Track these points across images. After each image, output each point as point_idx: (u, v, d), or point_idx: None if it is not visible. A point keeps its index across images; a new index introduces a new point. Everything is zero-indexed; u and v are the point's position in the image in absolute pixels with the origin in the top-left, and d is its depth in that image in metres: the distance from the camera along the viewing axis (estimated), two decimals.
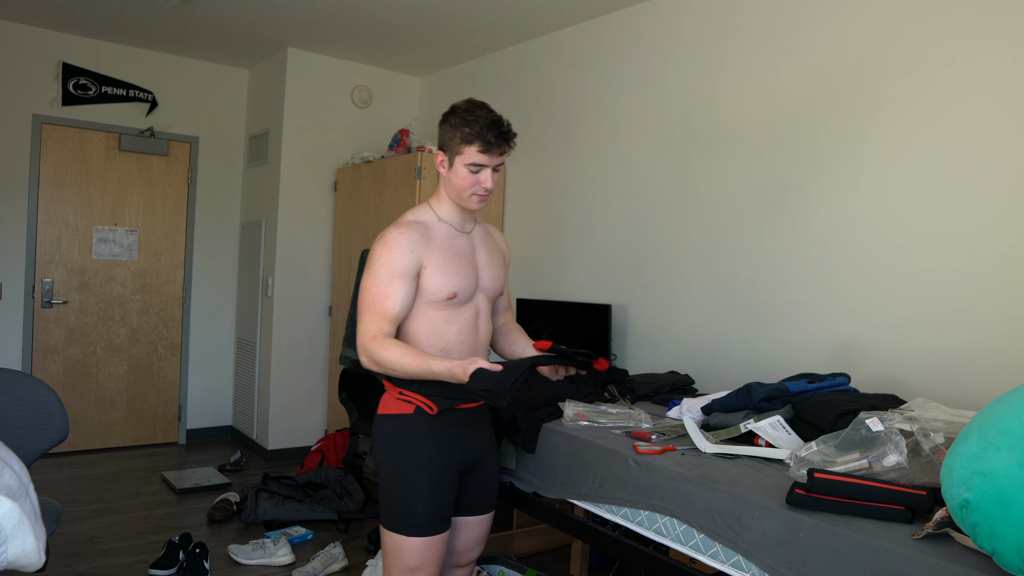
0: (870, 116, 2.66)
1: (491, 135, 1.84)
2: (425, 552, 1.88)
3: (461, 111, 1.88)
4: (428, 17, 4.03)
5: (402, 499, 1.89)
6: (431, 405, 1.91)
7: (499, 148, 1.87)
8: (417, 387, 1.91)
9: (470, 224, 2.03)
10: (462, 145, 1.86)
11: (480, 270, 2.00)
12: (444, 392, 1.89)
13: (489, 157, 1.86)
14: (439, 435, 1.91)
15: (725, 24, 3.18)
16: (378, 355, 1.78)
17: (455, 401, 1.92)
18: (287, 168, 4.80)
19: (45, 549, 1.64)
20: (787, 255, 2.91)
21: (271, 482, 3.86)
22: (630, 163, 3.59)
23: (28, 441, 2.27)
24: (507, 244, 2.21)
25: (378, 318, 1.82)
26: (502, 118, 1.89)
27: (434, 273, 1.88)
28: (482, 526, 2.09)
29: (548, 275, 4.05)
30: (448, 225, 1.97)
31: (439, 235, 1.93)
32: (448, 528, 1.93)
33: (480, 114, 1.86)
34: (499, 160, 1.89)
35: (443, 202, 1.97)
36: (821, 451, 1.75)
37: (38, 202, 4.64)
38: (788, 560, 1.56)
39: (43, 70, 4.61)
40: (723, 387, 2.88)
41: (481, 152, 1.85)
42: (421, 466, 1.89)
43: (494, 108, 1.94)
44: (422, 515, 1.87)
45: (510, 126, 1.90)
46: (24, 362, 4.62)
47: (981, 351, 2.35)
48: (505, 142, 1.87)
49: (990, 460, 1.24)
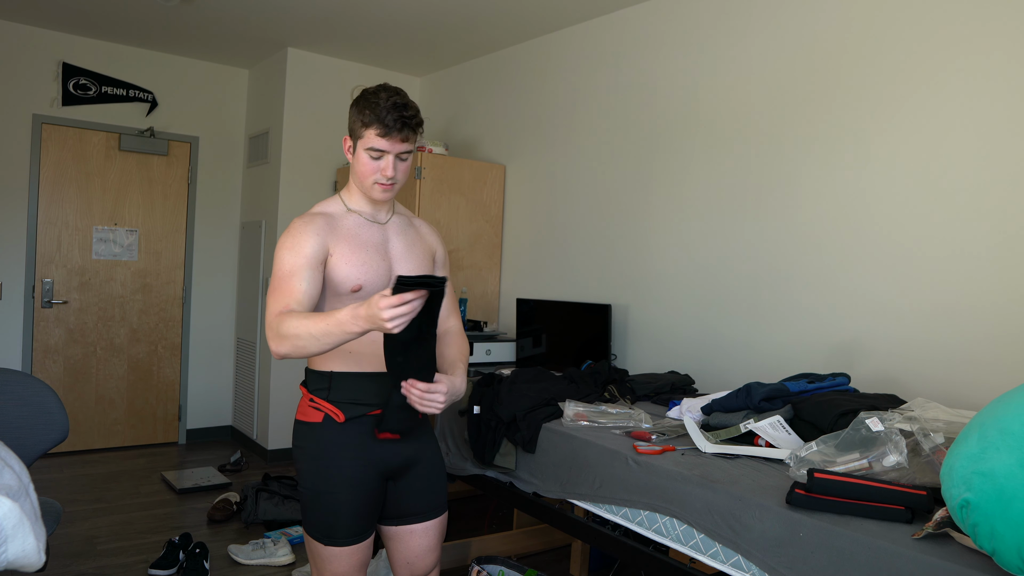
0: (869, 113, 2.66)
1: (390, 118, 1.71)
2: (347, 560, 1.81)
3: (367, 93, 1.77)
4: (428, 17, 4.03)
5: (317, 509, 1.80)
6: (338, 413, 1.81)
7: (400, 133, 1.73)
8: (326, 393, 1.81)
9: (384, 215, 1.90)
10: (363, 129, 1.75)
11: (394, 262, 1.86)
12: (353, 398, 1.81)
13: (389, 142, 1.74)
14: (350, 445, 1.80)
15: (725, 23, 3.18)
16: (281, 327, 1.62)
17: (366, 407, 1.81)
18: (287, 168, 4.80)
19: (45, 549, 1.64)
20: (787, 255, 2.91)
21: (271, 482, 3.86)
22: (630, 162, 3.59)
23: (28, 441, 2.27)
24: (439, 239, 2.03)
25: (284, 297, 1.70)
26: (409, 103, 1.76)
27: (339, 263, 1.77)
28: (429, 533, 1.94)
29: (548, 275, 4.05)
30: (357, 215, 1.86)
31: (346, 225, 1.82)
32: (370, 535, 1.84)
33: (382, 96, 1.73)
34: (402, 147, 1.76)
35: (352, 192, 1.88)
36: (821, 451, 1.75)
37: (38, 202, 4.64)
38: (788, 560, 1.56)
39: (43, 70, 4.61)
40: (723, 387, 2.88)
41: (380, 136, 1.73)
42: (333, 478, 1.79)
43: (494, 108, 1.92)
44: (339, 527, 1.79)
45: (417, 112, 1.77)
46: (24, 362, 4.62)
47: (981, 351, 2.35)
48: (406, 127, 1.73)
49: (990, 460, 1.24)
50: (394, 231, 1.90)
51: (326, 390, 1.82)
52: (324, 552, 1.81)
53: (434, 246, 2.01)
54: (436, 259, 2.01)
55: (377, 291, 1.73)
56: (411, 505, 1.92)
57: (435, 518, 1.95)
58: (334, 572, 1.83)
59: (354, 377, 1.82)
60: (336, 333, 1.57)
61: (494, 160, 4.48)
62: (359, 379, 1.82)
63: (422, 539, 1.94)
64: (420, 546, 1.94)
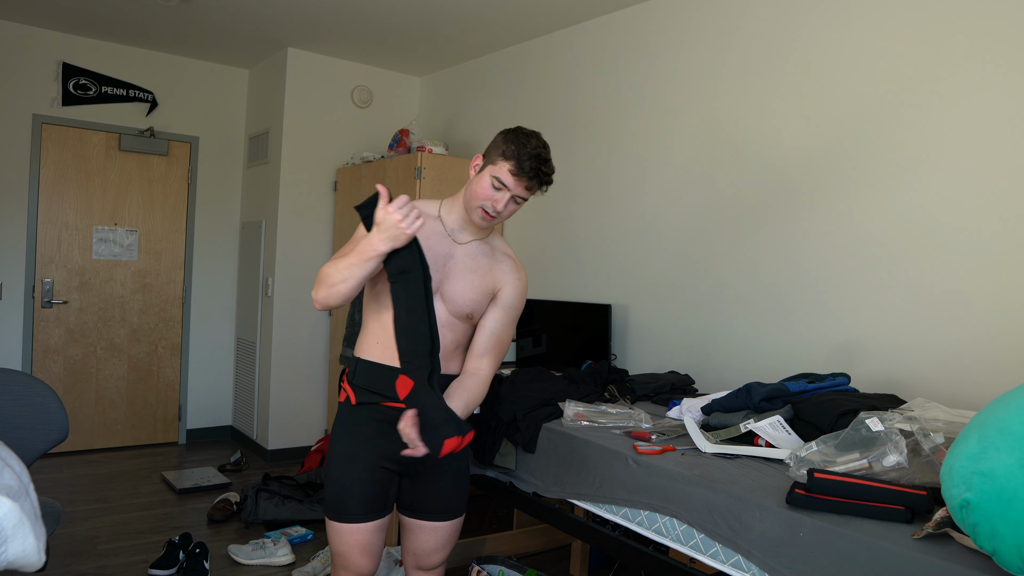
0: (869, 116, 2.66)
1: (528, 163, 1.80)
2: (352, 538, 1.89)
3: (520, 132, 1.86)
4: (428, 17, 4.03)
5: (330, 486, 1.92)
6: (352, 396, 1.92)
7: (527, 179, 1.82)
8: (352, 376, 1.93)
9: (467, 236, 1.95)
10: (499, 158, 1.84)
11: (447, 276, 1.89)
12: (371, 386, 1.89)
13: (515, 181, 1.82)
14: (361, 427, 1.90)
15: (725, 24, 3.18)
16: (319, 275, 1.79)
17: (380, 397, 1.88)
18: (287, 168, 4.80)
19: (45, 549, 1.64)
20: (787, 255, 2.91)
21: (271, 482, 3.86)
22: (630, 162, 3.59)
23: (28, 441, 2.27)
24: (517, 282, 1.99)
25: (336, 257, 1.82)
26: (549, 160, 1.85)
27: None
28: (439, 533, 2.01)
29: (548, 275, 4.05)
30: (441, 223, 1.93)
31: (425, 228, 1.86)
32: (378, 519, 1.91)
33: (531, 143, 1.83)
34: (524, 193, 1.85)
35: (454, 203, 1.95)
36: (821, 451, 1.75)
37: (38, 202, 4.64)
38: (788, 560, 1.56)
39: (43, 70, 4.61)
40: (723, 387, 2.88)
41: (511, 174, 1.82)
42: (343, 455, 1.90)
43: (494, 108, 1.94)
44: (346, 503, 1.88)
45: (552, 171, 1.86)
46: (24, 362, 4.62)
47: (981, 351, 2.35)
48: (536, 178, 1.83)
49: (990, 460, 1.24)
50: (464, 252, 1.93)
51: (352, 374, 1.93)
52: (332, 529, 1.91)
53: (501, 283, 1.97)
54: (499, 296, 1.97)
55: None
56: (427, 502, 1.98)
57: (447, 520, 2.01)
58: (340, 550, 1.91)
59: (376, 367, 1.89)
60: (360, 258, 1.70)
61: None
62: (379, 369, 1.88)
63: (431, 537, 2.01)
64: (429, 543, 2.02)
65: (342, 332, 4.42)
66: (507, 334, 2.00)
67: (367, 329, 1.94)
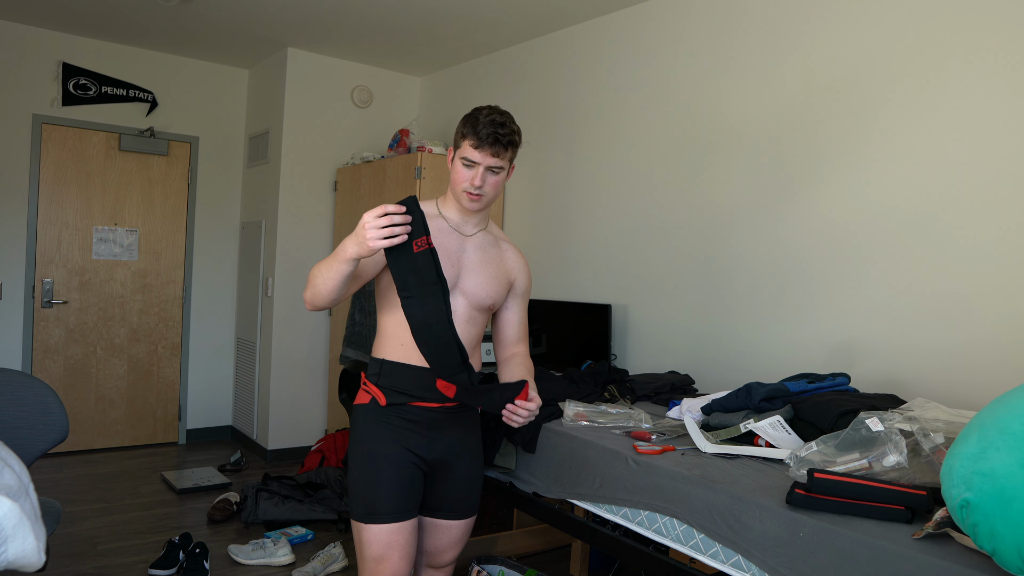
0: (869, 114, 2.66)
1: (484, 131, 1.82)
2: (384, 539, 1.85)
3: (474, 109, 1.89)
4: (428, 17, 4.03)
5: (356, 487, 1.90)
6: (381, 397, 1.91)
7: (491, 147, 1.83)
8: (376, 378, 1.91)
9: (471, 228, 1.97)
10: (461, 140, 1.87)
11: (463, 270, 1.92)
12: (400, 387, 1.89)
13: (480, 154, 1.83)
14: (390, 427, 1.89)
15: (724, 24, 3.18)
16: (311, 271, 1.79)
17: (409, 397, 1.89)
18: (287, 168, 4.80)
19: (45, 549, 1.64)
20: (786, 255, 2.91)
21: (271, 482, 3.86)
22: (630, 163, 3.59)
23: (28, 441, 2.27)
24: (524, 269, 2.06)
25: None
26: (507, 122, 1.86)
27: None
28: (453, 531, 2.03)
29: (548, 275, 4.05)
30: (443, 220, 1.95)
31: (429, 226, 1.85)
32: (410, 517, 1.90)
33: (483, 112, 1.85)
34: (493, 161, 1.84)
35: (447, 199, 1.98)
36: (821, 451, 1.75)
37: (38, 202, 4.64)
38: (788, 560, 1.56)
39: (43, 70, 4.61)
40: (723, 387, 2.88)
41: (473, 147, 1.83)
42: (373, 455, 1.88)
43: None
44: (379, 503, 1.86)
45: (513, 132, 1.86)
46: (24, 362, 4.62)
47: (981, 351, 2.35)
48: (497, 142, 1.83)
49: (990, 460, 1.24)
50: (474, 245, 1.96)
51: (377, 375, 1.92)
52: (365, 534, 1.86)
53: (515, 273, 2.03)
54: (515, 287, 2.03)
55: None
56: (444, 501, 1.99)
57: (461, 519, 2.03)
58: (374, 555, 1.86)
59: (403, 368, 1.89)
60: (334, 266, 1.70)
61: None
62: (407, 370, 1.88)
63: (443, 535, 2.03)
64: (442, 540, 2.04)
65: (342, 332, 4.42)
66: (527, 319, 2.10)
67: (384, 330, 1.93)
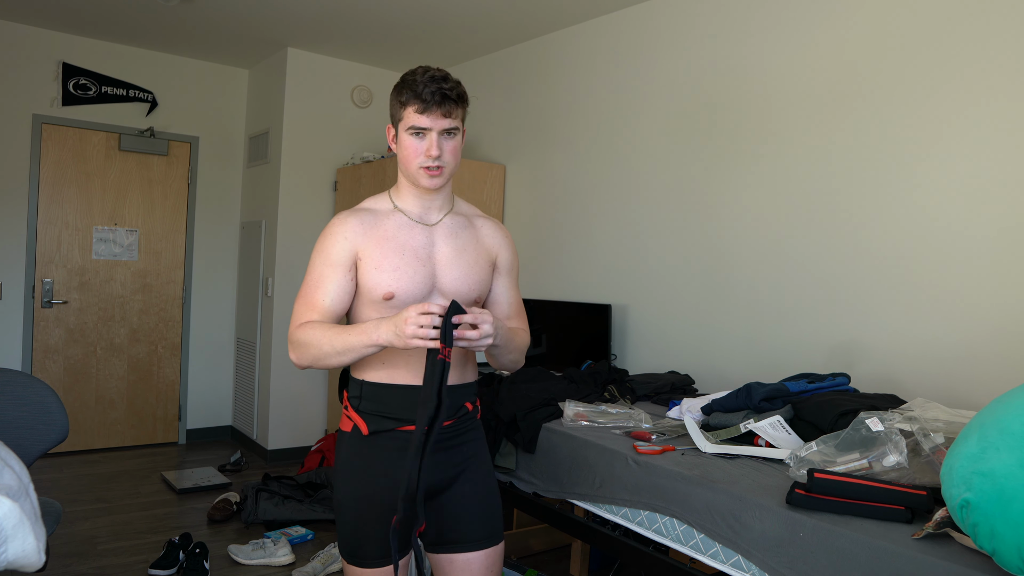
0: (870, 116, 2.66)
1: (427, 91, 1.57)
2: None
3: (404, 74, 1.65)
4: (428, 17, 4.02)
5: (342, 525, 1.67)
6: (363, 425, 1.65)
7: (441, 107, 1.58)
8: (357, 402, 1.67)
9: (436, 214, 1.72)
10: (402, 109, 1.62)
11: (439, 268, 1.67)
12: (383, 411, 1.65)
13: (430, 118, 1.59)
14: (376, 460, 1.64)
15: (724, 25, 3.18)
16: (303, 336, 1.57)
17: (396, 422, 1.64)
18: (287, 168, 4.80)
19: (45, 549, 1.64)
20: (786, 255, 2.91)
21: (271, 482, 3.86)
22: (630, 163, 3.59)
23: (28, 441, 2.27)
24: (506, 241, 1.81)
25: (307, 309, 1.62)
26: (449, 76, 1.63)
27: (368, 268, 1.63)
28: (472, 566, 1.68)
29: (548, 275, 4.05)
30: (402, 215, 1.69)
31: (387, 225, 1.67)
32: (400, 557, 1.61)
33: (418, 72, 1.62)
34: (446, 122, 1.60)
35: (401, 189, 1.72)
36: (821, 451, 1.75)
37: (38, 202, 4.64)
38: (788, 560, 1.56)
39: (43, 70, 4.61)
40: (723, 387, 2.88)
41: (419, 113, 1.59)
42: (355, 494, 1.64)
43: (494, 108, 1.88)
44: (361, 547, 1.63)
45: (458, 85, 1.63)
46: (24, 362, 4.62)
47: (981, 351, 2.35)
48: (447, 100, 1.59)
49: (990, 460, 1.24)
50: (443, 234, 1.71)
51: (358, 398, 1.68)
52: (349, 572, 1.68)
53: (495, 249, 1.78)
54: (498, 264, 1.79)
55: (413, 300, 1.63)
56: (450, 531, 1.68)
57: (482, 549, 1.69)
58: None
59: (385, 389, 1.65)
60: (357, 346, 1.53)
61: (494, 160, 4.48)
62: (390, 391, 1.65)
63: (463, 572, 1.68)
64: None
65: None
66: (519, 296, 1.85)
67: None
